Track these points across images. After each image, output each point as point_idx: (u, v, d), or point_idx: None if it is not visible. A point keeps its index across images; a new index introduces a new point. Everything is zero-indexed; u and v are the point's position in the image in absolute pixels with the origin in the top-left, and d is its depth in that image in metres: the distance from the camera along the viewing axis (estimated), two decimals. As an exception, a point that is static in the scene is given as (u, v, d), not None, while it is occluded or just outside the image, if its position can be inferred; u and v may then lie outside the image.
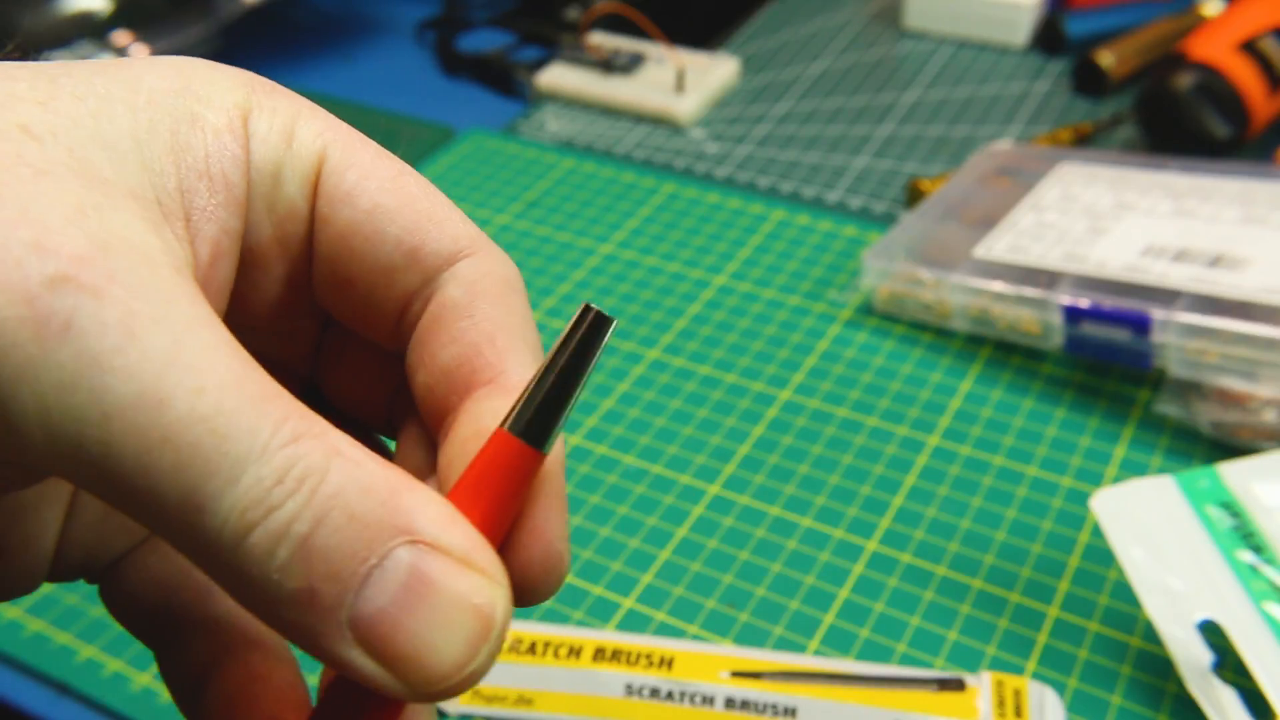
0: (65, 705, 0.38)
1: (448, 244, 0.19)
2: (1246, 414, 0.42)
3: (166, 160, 0.17)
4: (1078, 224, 0.50)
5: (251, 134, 0.19)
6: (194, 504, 0.14)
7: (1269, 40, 0.58)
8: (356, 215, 0.19)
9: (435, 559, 0.15)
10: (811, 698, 0.34)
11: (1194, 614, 0.34)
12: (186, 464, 0.14)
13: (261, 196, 0.19)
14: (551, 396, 0.17)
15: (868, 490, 0.43)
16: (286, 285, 0.20)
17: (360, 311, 0.20)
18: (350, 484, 0.15)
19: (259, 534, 0.14)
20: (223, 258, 0.18)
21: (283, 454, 0.14)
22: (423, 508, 0.15)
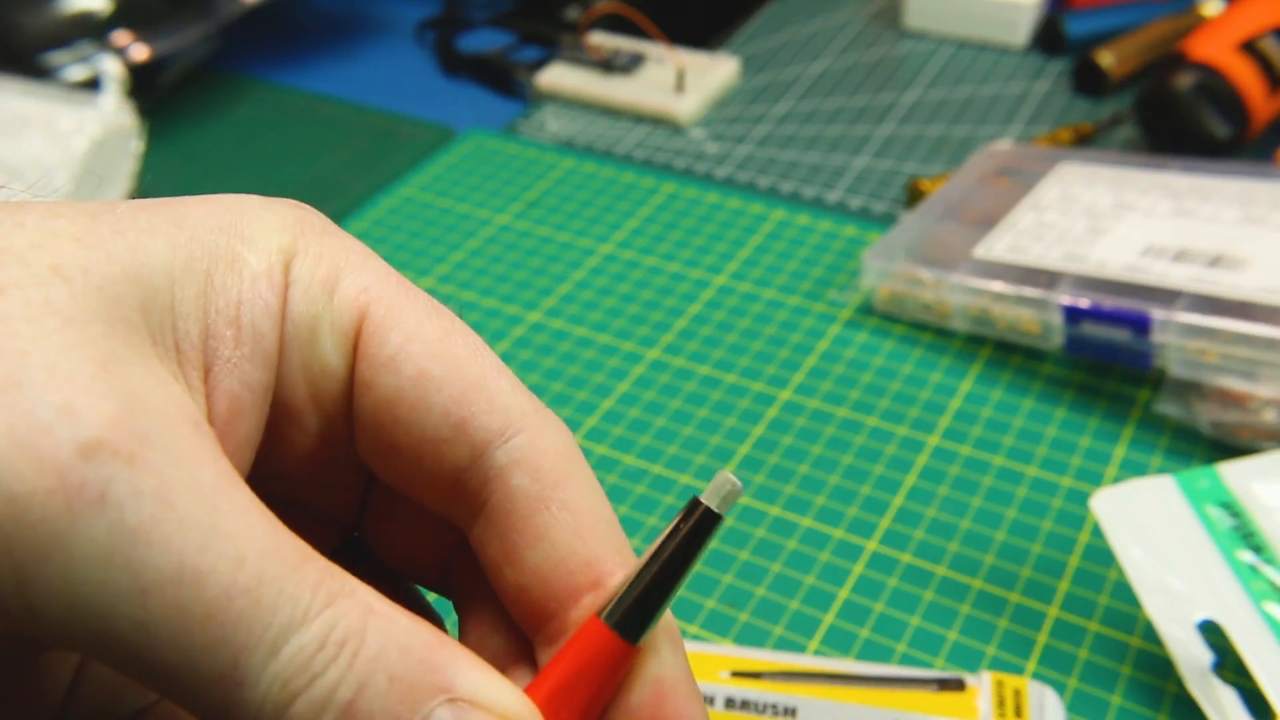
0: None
1: (498, 418, 0.18)
2: (1246, 414, 0.42)
3: (197, 304, 0.17)
4: (1078, 224, 0.50)
5: (292, 281, 0.18)
6: (235, 679, 0.14)
7: (1269, 40, 0.58)
8: (400, 382, 0.18)
9: (476, 716, 0.15)
10: (811, 698, 0.34)
11: (1194, 614, 0.34)
12: (228, 640, 0.14)
13: (297, 350, 0.18)
14: (652, 591, 0.17)
15: (868, 490, 0.43)
16: (323, 441, 0.19)
17: (407, 477, 0.19)
18: (389, 644, 0.14)
19: (302, 704, 0.14)
20: (242, 414, 0.17)
21: (321, 619, 0.14)
22: (460, 665, 0.15)
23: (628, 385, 0.48)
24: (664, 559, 0.17)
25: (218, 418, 0.17)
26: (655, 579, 0.17)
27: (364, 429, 0.19)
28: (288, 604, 0.14)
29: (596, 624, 0.17)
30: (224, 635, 0.14)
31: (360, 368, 0.18)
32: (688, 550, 0.17)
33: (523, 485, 0.18)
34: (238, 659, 0.14)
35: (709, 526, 0.17)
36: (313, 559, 0.15)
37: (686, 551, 0.17)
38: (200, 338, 0.17)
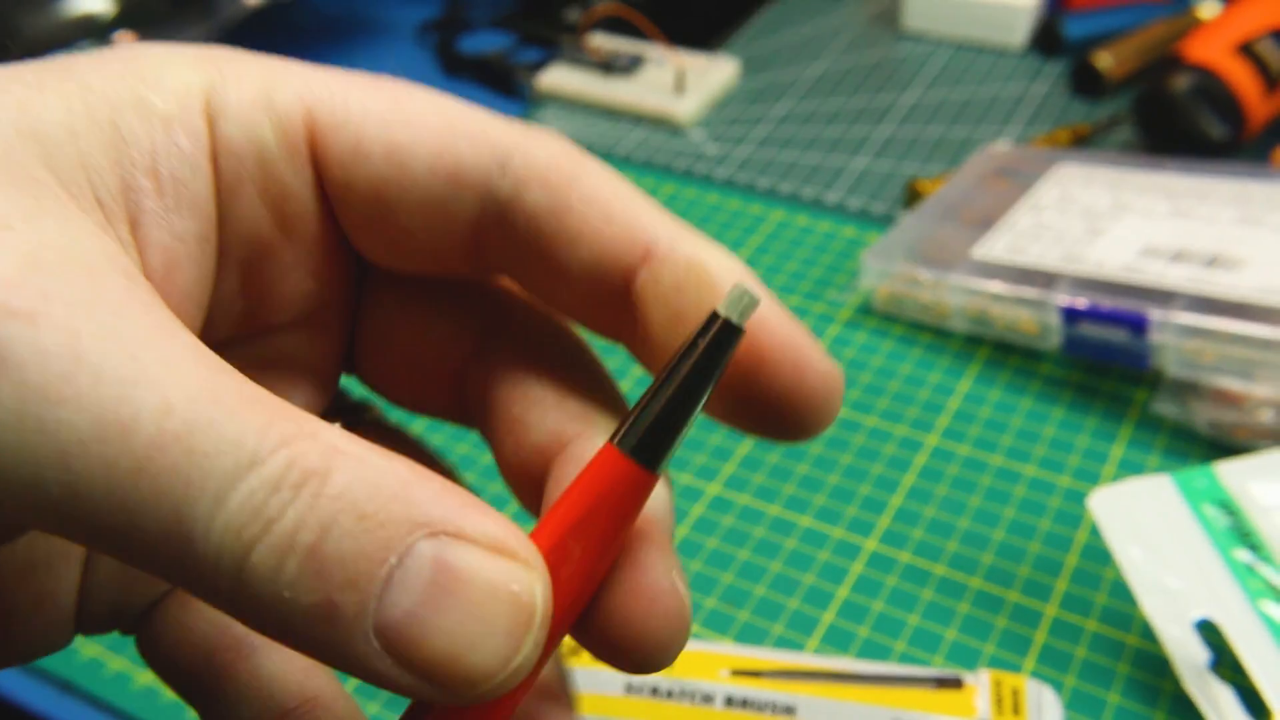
0: (68, 703, 0.38)
1: (486, 151, 0.17)
2: (1243, 414, 0.42)
3: (105, 156, 0.15)
4: (1076, 225, 0.50)
5: (218, 115, 0.17)
6: (181, 533, 0.13)
7: (1265, 42, 0.58)
8: (376, 167, 0.17)
9: (461, 548, 0.13)
10: (810, 696, 0.34)
11: (1191, 613, 0.34)
12: (165, 491, 0.13)
13: (248, 184, 0.17)
14: (669, 413, 0.15)
15: (867, 489, 0.43)
16: (303, 271, 0.18)
17: (427, 257, 0.18)
18: (356, 481, 0.13)
19: (261, 551, 0.13)
20: (178, 266, 0.16)
21: (274, 460, 0.13)
22: (442, 497, 0.14)
23: (627, 385, 0.49)
24: (682, 377, 0.15)
25: (153, 272, 0.16)
26: (672, 399, 0.15)
27: (360, 229, 0.18)
28: (231, 448, 0.13)
29: (610, 451, 0.16)
30: (159, 488, 0.13)
31: (330, 175, 0.17)
32: (708, 367, 0.15)
33: (538, 200, 0.17)
34: (179, 511, 0.13)
35: (729, 340, 0.15)
36: (262, 400, 0.13)
37: (706, 368, 0.15)
38: (119, 191, 0.16)
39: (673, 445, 0.16)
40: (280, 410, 0.14)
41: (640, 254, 0.17)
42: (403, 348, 0.20)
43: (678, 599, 0.16)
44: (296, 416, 0.14)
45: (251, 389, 0.14)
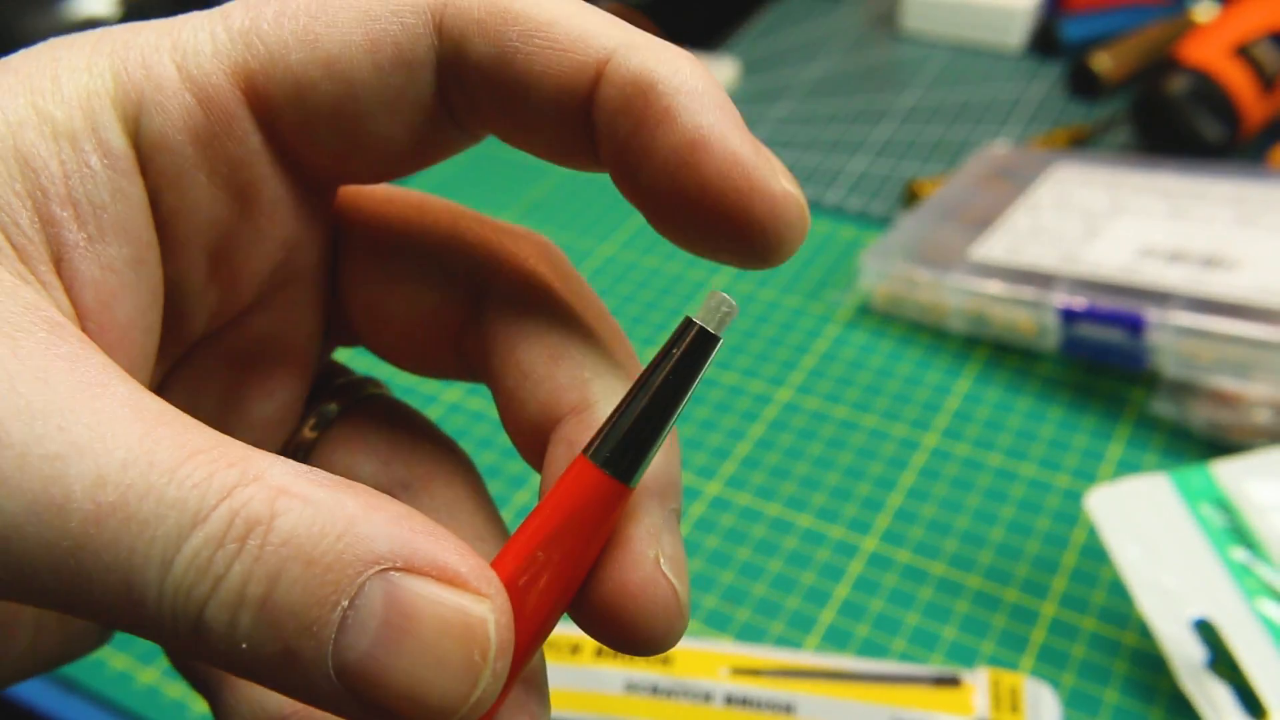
0: (72, 702, 0.38)
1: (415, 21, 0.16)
2: (1239, 414, 0.42)
3: (12, 188, 0.14)
4: (1073, 225, 0.50)
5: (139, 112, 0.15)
6: (134, 599, 0.13)
7: (1262, 45, 0.58)
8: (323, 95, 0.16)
9: (411, 582, 0.13)
10: (809, 694, 0.35)
11: (1188, 611, 0.34)
12: (110, 564, 0.12)
13: (193, 170, 0.16)
14: (643, 424, 0.15)
15: (865, 489, 0.43)
16: (270, 241, 0.18)
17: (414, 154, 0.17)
18: (301, 525, 0.13)
19: (212, 609, 0.13)
20: (115, 298, 0.15)
21: (217, 515, 0.13)
22: (388, 528, 0.13)
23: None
24: (655, 386, 0.15)
25: (86, 310, 0.15)
26: (646, 410, 0.15)
27: (337, 161, 0.17)
28: (171, 511, 0.12)
29: (583, 463, 0.15)
30: (103, 562, 0.12)
31: (282, 122, 0.16)
32: (683, 376, 0.15)
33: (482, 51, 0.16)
34: (128, 580, 0.12)
35: (705, 349, 0.15)
36: (201, 451, 0.13)
37: (682, 377, 0.15)
38: (34, 226, 0.15)
39: (646, 456, 0.15)
40: (222, 456, 0.13)
41: (593, 76, 0.16)
42: (396, 315, 0.19)
43: (664, 589, 0.16)
44: (240, 459, 0.13)
45: (191, 437, 0.13)
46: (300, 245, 0.18)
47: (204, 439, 0.13)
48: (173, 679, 0.38)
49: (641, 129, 0.16)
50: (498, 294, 0.18)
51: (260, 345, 0.19)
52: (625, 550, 0.16)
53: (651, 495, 0.16)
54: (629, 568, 0.16)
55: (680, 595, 0.16)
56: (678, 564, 0.16)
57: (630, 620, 0.16)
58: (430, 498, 0.20)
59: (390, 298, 0.19)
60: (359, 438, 0.20)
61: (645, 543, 0.16)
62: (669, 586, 0.16)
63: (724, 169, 0.15)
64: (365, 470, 0.20)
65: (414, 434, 0.21)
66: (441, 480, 0.20)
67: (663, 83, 0.16)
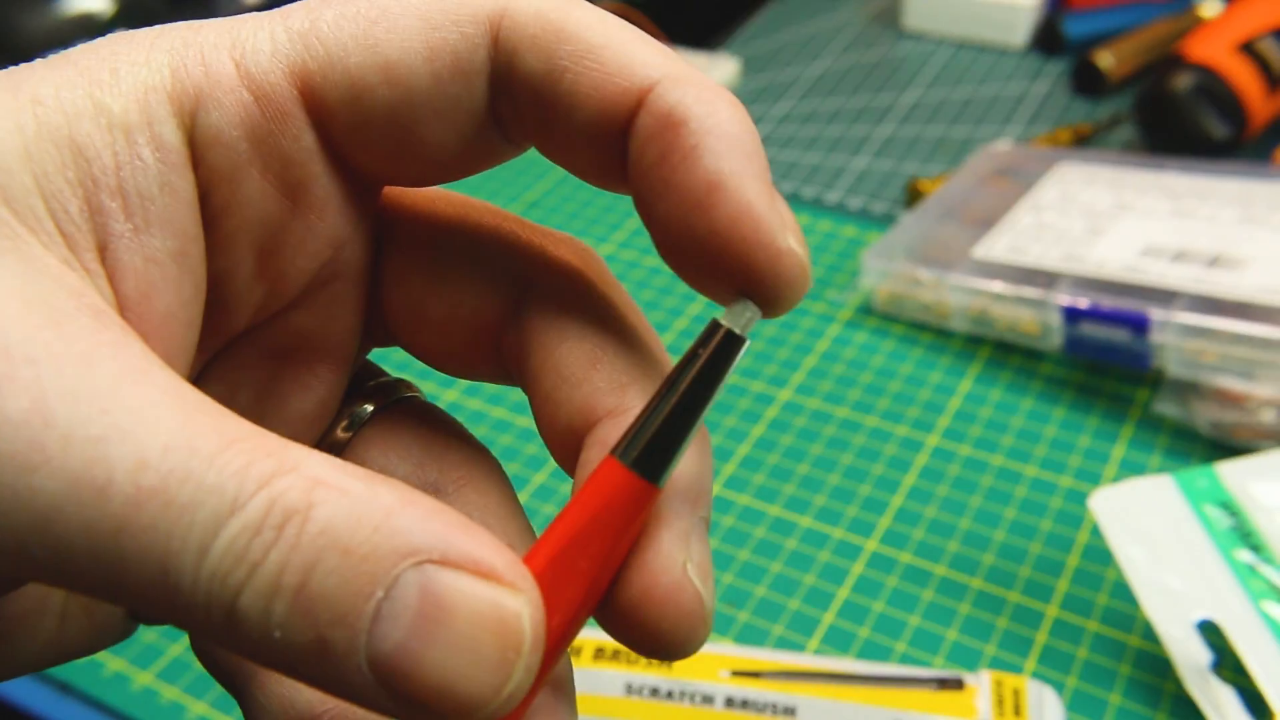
0: (67, 704, 0.38)
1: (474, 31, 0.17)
2: (1244, 414, 0.42)
3: (65, 177, 0.15)
4: (1076, 224, 0.50)
5: (196, 108, 0.16)
6: (169, 584, 0.13)
7: (1267, 41, 0.58)
8: (379, 97, 0.16)
9: (447, 575, 0.13)
10: (811, 697, 0.34)
11: (1192, 613, 0.34)
12: (148, 546, 0.13)
13: (247, 166, 0.16)
14: (670, 424, 0.15)
15: (867, 490, 0.43)
16: (318, 239, 0.18)
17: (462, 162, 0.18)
18: (338, 515, 0.13)
19: (248, 596, 0.13)
20: (155, 289, 0.16)
21: (254, 503, 0.13)
22: (424, 522, 0.13)
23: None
24: (683, 389, 0.15)
25: (126, 300, 0.15)
26: (674, 411, 0.15)
27: (387, 164, 0.17)
28: (210, 497, 0.13)
29: (611, 463, 0.15)
30: (141, 544, 0.13)
31: (337, 123, 0.17)
32: (710, 377, 0.15)
33: (532, 66, 0.16)
34: (165, 565, 0.13)
35: (732, 351, 0.15)
36: (240, 440, 0.13)
37: (709, 378, 0.15)
38: (83, 214, 0.15)
39: (674, 457, 0.15)
40: (259, 446, 0.13)
41: (635, 103, 0.16)
42: (437, 315, 0.19)
43: (691, 595, 0.16)
44: (277, 450, 0.13)
45: (229, 426, 0.13)
46: (347, 243, 0.18)
47: (241, 429, 0.13)
48: (169, 681, 0.38)
49: (666, 161, 0.16)
50: (538, 296, 0.18)
51: (300, 341, 0.19)
52: (654, 554, 0.16)
53: (683, 500, 0.16)
54: (658, 572, 0.16)
55: (706, 602, 0.16)
56: (704, 571, 0.16)
57: (655, 624, 0.16)
58: (463, 502, 0.20)
59: (431, 297, 0.19)
60: (393, 439, 0.21)
61: (675, 547, 0.16)
62: (695, 593, 0.16)
63: (735, 216, 0.16)
64: (399, 472, 0.20)
65: (447, 438, 0.21)
66: (474, 485, 0.20)
67: (695, 121, 0.16)
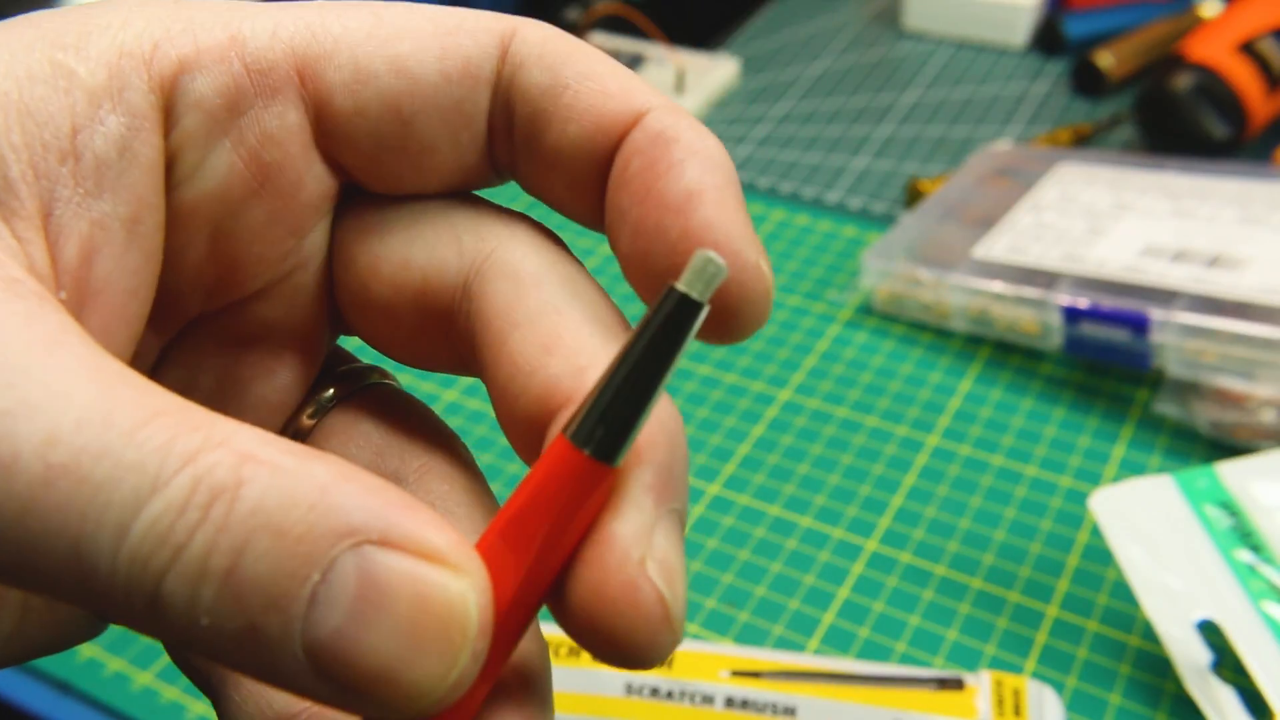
0: (67, 704, 0.38)
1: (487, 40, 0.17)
2: (1245, 414, 0.42)
3: (6, 140, 0.14)
4: (1077, 224, 0.50)
5: (180, 70, 0.16)
6: (85, 569, 0.12)
7: (1267, 41, 0.58)
8: (384, 86, 0.17)
9: (388, 557, 0.12)
10: (811, 697, 0.34)
11: (1192, 613, 0.34)
12: (59, 528, 0.12)
13: (220, 136, 0.16)
14: (624, 400, 0.14)
15: (867, 490, 0.43)
16: (280, 227, 0.17)
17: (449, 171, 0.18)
18: (270, 493, 0.12)
19: (172, 580, 0.12)
20: (98, 254, 0.15)
21: (179, 480, 0.12)
22: (362, 500, 0.12)
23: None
24: (635, 358, 0.14)
25: (66, 265, 0.15)
26: (626, 384, 0.14)
27: (378, 158, 0.17)
28: (129, 474, 0.12)
29: (562, 443, 0.14)
30: (51, 526, 0.12)
31: (334, 107, 0.17)
32: (665, 347, 0.14)
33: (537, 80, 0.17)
34: (78, 547, 0.12)
35: (688, 317, 0.14)
36: (164, 414, 0.12)
37: (663, 349, 0.14)
38: (26, 178, 0.14)
39: (629, 434, 0.14)
40: (185, 420, 0.12)
41: (629, 125, 0.17)
42: (381, 301, 0.18)
43: (649, 596, 0.14)
44: (204, 424, 0.12)
45: (153, 398, 0.13)
46: (310, 234, 0.18)
47: (167, 401, 0.13)
48: (170, 681, 0.38)
49: (651, 170, 0.16)
50: (487, 280, 0.17)
51: (264, 329, 0.19)
52: (608, 549, 0.14)
53: (646, 489, 0.15)
54: (610, 568, 0.14)
55: (670, 604, 0.14)
56: (669, 570, 0.14)
57: (609, 628, 0.14)
58: (425, 490, 0.19)
59: (375, 276, 0.18)
60: (355, 427, 0.20)
61: (631, 542, 0.14)
62: (655, 594, 0.14)
63: (709, 222, 0.16)
64: (358, 459, 0.20)
65: (412, 426, 0.20)
66: (437, 474, 0.19)
67: (685, 143, 0.16)
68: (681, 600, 0.15)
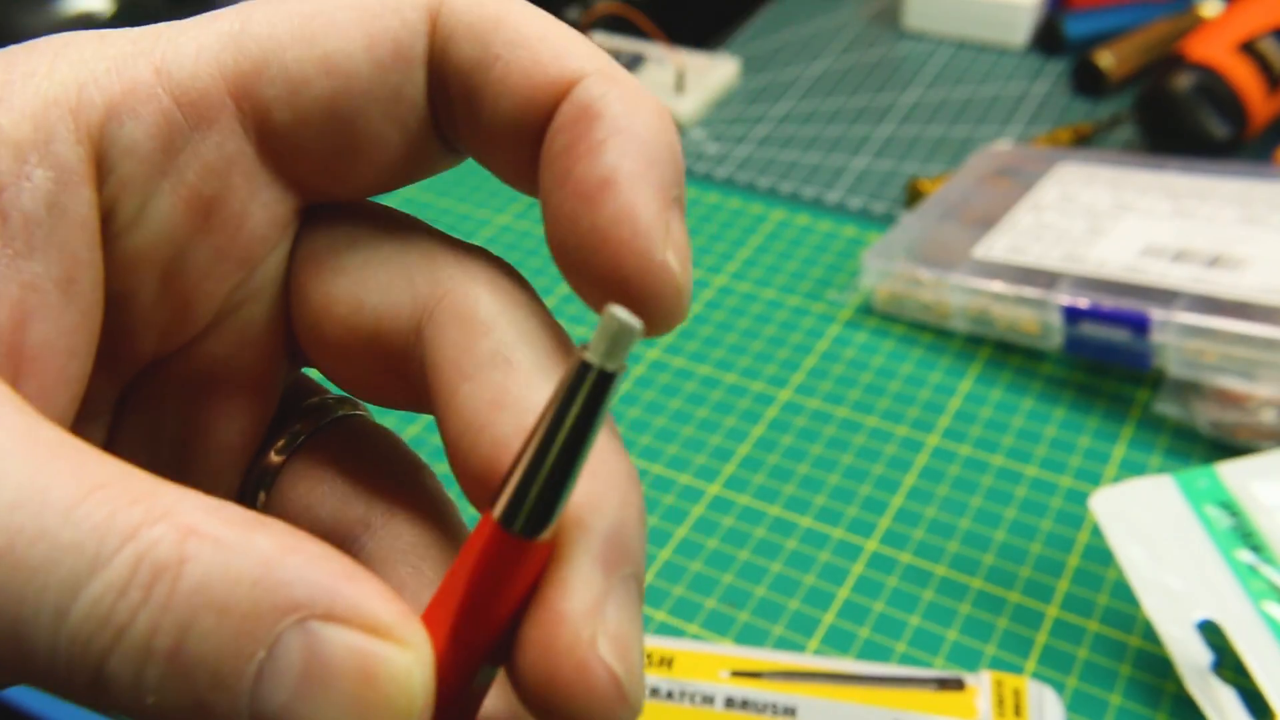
0: (66, 704, 0.38)
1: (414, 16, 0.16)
2: (1245, 414, 0.42)
3: None
4: (1077, 224, 0.50)
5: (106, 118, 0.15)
6: (24, 651, 0.12)
7: (1268, 41, 0.58)
8: (319, 90, 0.16)
9: (329, 632, 0.12)
10: (811, 697, 0.34)
11: (1193, 613, 0.34)
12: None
13: (160, 179, 0.16)
14: (546, 476, 0.14)
15: (867, 490, 0.43)
16: (229, 260, 0.17)
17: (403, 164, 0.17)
18: (213, 570, 0.12)
19: (115, 663, 0.12)
20: (33, 317, 0.15)
21: (120, 559, 0.12)
22: (306, 573, 0.12)
23: (627, 385, 0.48)
24: (554, 433, 0.14)
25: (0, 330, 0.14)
26: (547, 459, 0.14)
27: (324, 165, 0.17)
28: (67, 556, 0.12)
29: (489, 522, 0.14)
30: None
31: (272, 123, 0.16)
32: (582, 419, 0.14)
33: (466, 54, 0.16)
34: (17, 631, 0.12)
35: (603, 387, 0.14)
36: (102, 486, 0.12)
37: (580, 421, 0.14)
38: None
39: (554, 510, 0.14)
40: (125, 491, 0.12)
41: (561, 94, 0.16)
42: (334, 339, 0.18)
43: (601, 678, 0.14)
44: (145, 495, 0.12)
45: (90, 470, 0.12)
46: (259, 266, 0.17)
47: (105, 472, 0.12)
48: (168, 682, 0.38)
49: (571, 152, 0.15)
50: (438, 326, 0.17)
51: (216, 368, 0.18)
52: (557, 630, 0.14)
53: (595, 561, 0.14)
54: (560, 652, 0.14)
55: (624, 681, 0.14)
56: (622, 644, 0.14)
57: (563, 710, 0.14)
58: (395, 538, 0.18)
59: (328, 316, 0.18)
60: (320, 470, 0.19)
61: (580, 621, 0.14)
62: (607, 673, 0.14)
63: (618, 217, 0.15)
64: (325, 509, 0.19)
65: (380, 464, 0.19)
66: (407, 518, 0.19)
67: (610, 119, 0.15)
68: (637, 672, 0.14)
